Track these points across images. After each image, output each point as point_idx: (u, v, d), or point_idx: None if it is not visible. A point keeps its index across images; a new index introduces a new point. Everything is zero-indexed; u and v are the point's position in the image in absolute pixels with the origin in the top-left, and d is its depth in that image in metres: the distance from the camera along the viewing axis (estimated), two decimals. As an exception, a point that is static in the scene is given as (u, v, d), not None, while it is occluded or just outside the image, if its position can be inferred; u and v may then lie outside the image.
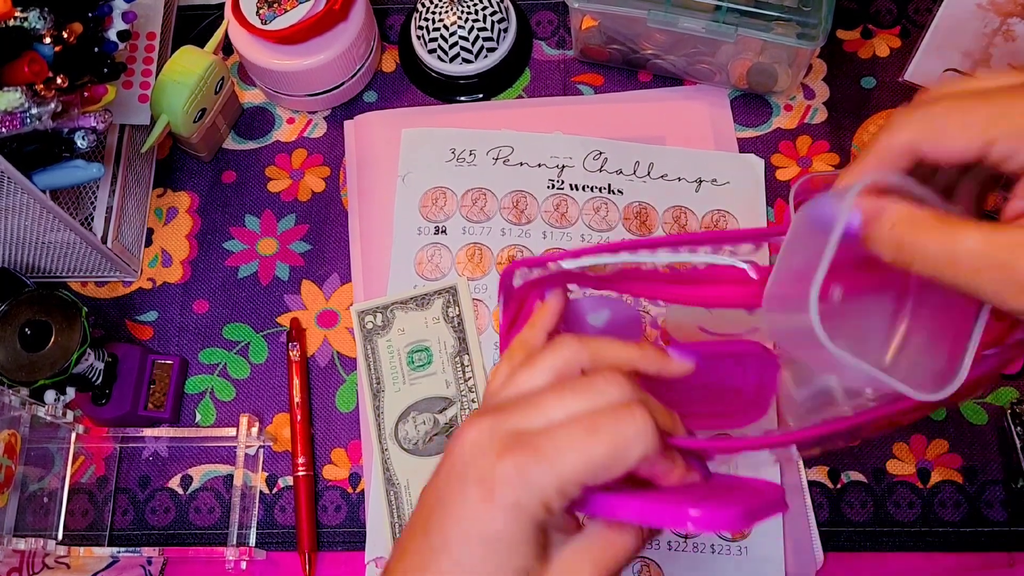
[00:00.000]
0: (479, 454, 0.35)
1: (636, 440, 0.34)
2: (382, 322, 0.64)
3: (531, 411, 0.36)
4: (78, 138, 0.56)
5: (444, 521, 0.35)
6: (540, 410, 0.36)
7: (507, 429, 0.35)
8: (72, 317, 0.58)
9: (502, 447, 0.34)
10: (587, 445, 0.34)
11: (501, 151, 0.69)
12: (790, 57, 0.65)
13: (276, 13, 0.66)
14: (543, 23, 0.75)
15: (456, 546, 0.34)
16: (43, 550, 0.57)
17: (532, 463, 0.34)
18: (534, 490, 0.34)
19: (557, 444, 0.34)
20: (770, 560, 0.58)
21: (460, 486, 0.35)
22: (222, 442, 0.63)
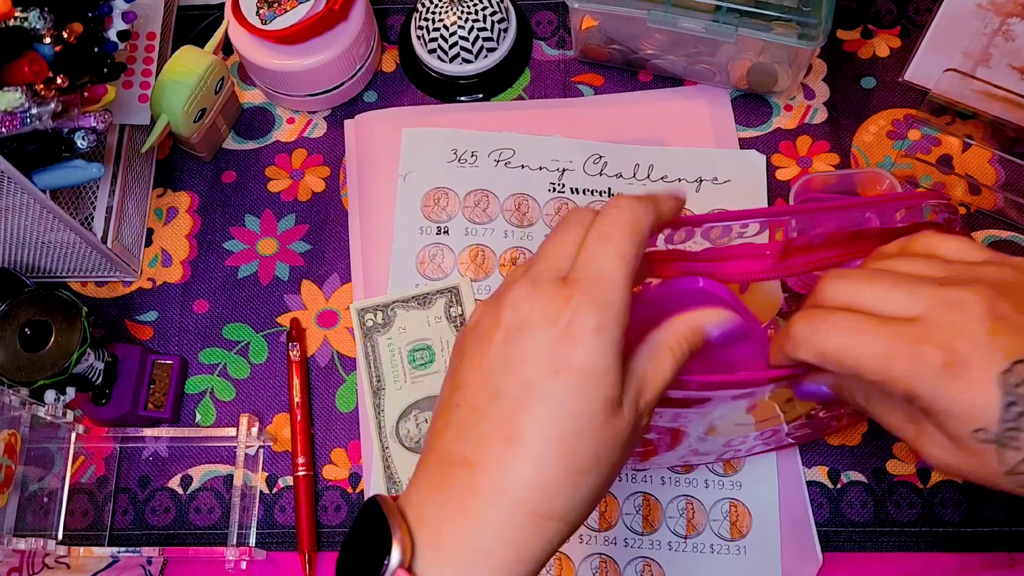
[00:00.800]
0: (537, 305, 0.35)
1: (641, 216, 0.37)
2: (382, 320, 0.64)
3: (552, 255, 0.38)
4: (78, 138, 0.56)
5: (520, 371, 0.35)
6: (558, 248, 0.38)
7: (549, 276, 0.37)
8: (72, 317, 0.58)
9: (558, 289, 0.35)
10: (612, 248, 0.36)
11: (502, 153, 0.69)
12: (790, 57, 0.65)
13: (276, 13, 0.66)
14: (543, 23, 0.75)
15: (544, 385, 0.34)
16: (43, 550, 0.57)
17: (591, 286, 0.35)
18: (607, 308, 0.35)
19: (593, 264, 0.36)
20: (769, 560, 0.58)
21: (528, 334, 0.35)
22: (222, 442, 0.63)
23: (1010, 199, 0.65)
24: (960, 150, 0.67)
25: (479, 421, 0.35)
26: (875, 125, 0.69)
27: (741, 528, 0.59)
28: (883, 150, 0.68)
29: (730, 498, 0.60)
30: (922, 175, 0.67)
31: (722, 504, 0.60)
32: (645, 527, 0.60)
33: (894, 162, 0.68)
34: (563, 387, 0.34)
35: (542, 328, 0.35)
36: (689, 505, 0.60)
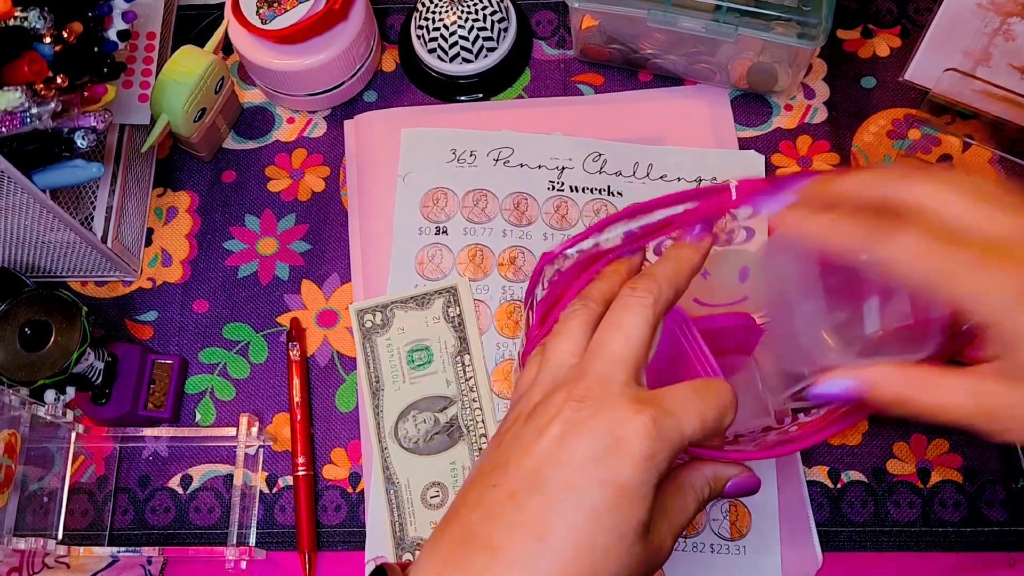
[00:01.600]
0: (603, 412, 0.36)
1: (731, 408, 0.38)
2: (381, 321, 0.64)
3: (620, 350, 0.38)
4: (78, 138, 0.56)
5: (567, 472, 0.35)
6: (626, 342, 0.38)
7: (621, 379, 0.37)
8: (72, 317, 0.58)
9: (633, 402, 0.36)
10: (700, 407, 0.37)
11: (501, 152, 0.69)
12: (790, 57, 0.65)
13: (276, 13, 0.66)
14: (543, 23, 0.75)
15: (586, 492, 0.34)
16: (43, 550, 0.57)
17: (663, 417, 0.36)
18: (664, 443, 0.35)
19: (675, 404, 0.37)
20: (769, 560, 0.58)
21: (586, 439, 0.35)
22: (222, 442, 0.64)
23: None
24: (960, 150, 0.67)
25: (515, 509, 0.35)
26: (875, 125, 0.69)
27: (741, 528, 0.59)
28: (883, 150, 0.68)
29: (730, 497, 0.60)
30: (922, 175, 0.67)
31: (722, 504, 0.60)
32: (645, 527, 0.60)
33: (894, 162, 0.68)
34: (604, 500, 0.34)
35: (600, 436, 0.35)
36: (689, 505, 0.60)
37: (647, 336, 0.39)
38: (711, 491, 0.40)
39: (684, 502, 0.39)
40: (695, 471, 0.40)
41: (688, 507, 0.39)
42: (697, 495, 0.39)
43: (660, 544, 0.37)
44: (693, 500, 0.39)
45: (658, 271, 0.41)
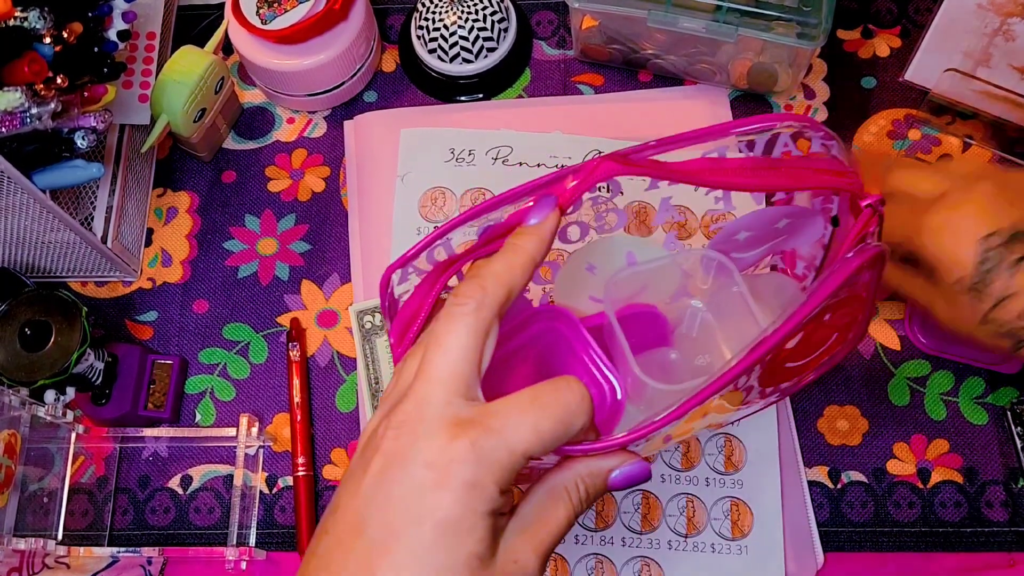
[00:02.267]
0: (422, 437, 0.33)
1: (579, 410, 0.35)
2: (381, 322, 0.64)
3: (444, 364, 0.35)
4: (78, 138, 0.56)
5: (386, 512, 0.33)
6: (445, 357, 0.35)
7: (442, 398, 0.34)
8: (72, 317, 0.58)
9: (451, 426, 0.33)
10: (534, 418, 0.34)
11: (500, 151, 0.69)
12: (790, 57, 0.65)
13: (276, 13, 0.66)
14: (543, 23, 0.75)
15: (406, 534, 0.32)
16: (43, 550, 0.57)
17: (484, 439, 0.33)
18: (489, 467, 0.33)
19: (504, 419, 0.34)
20: (770, 560, 0.58)
21: (403, 472, 0.33)
22: (222, 442, 0.63)
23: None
24: (960, 150, 0.67)
25: (343, 557, 0.33)
26: (875, 125, 0.69)
27: (743, 527, 0.59)
28: (883, 150, 0.68)
29: (731, 497, 0.60)
30: (922, 175, 0.67)
31: (723, 503, 0.60)
32: (644, 526, 0.59)
33: (894, 162, 0.68)
34: (424, 540, 0.32)
35: (419, 468, 0.33)
36: (690, 503, 0.60)
37: (472, 347, 0.35)
38: (588, 490, 0.37)
39: (553, 511, 0.36)
40: (565, 471, 0.37)
41: (558, 515, 0.36)
42: (570, 498, 0.37)
43: (516, 567, 0.34)
44: (565, 506, 0.36)
45: (486, 270, 0.38)
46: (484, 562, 0.33)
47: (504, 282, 0.37)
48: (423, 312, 0.41)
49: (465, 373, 0.35)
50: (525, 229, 0.39)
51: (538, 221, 0.39)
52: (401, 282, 0.43)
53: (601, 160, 0.39)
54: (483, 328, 0.36)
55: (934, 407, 0.61)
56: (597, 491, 0.37)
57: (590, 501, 0.37)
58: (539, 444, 0.34)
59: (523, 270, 0.38)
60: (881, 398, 0.62)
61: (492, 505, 0.33)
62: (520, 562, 0.35)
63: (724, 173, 0.40)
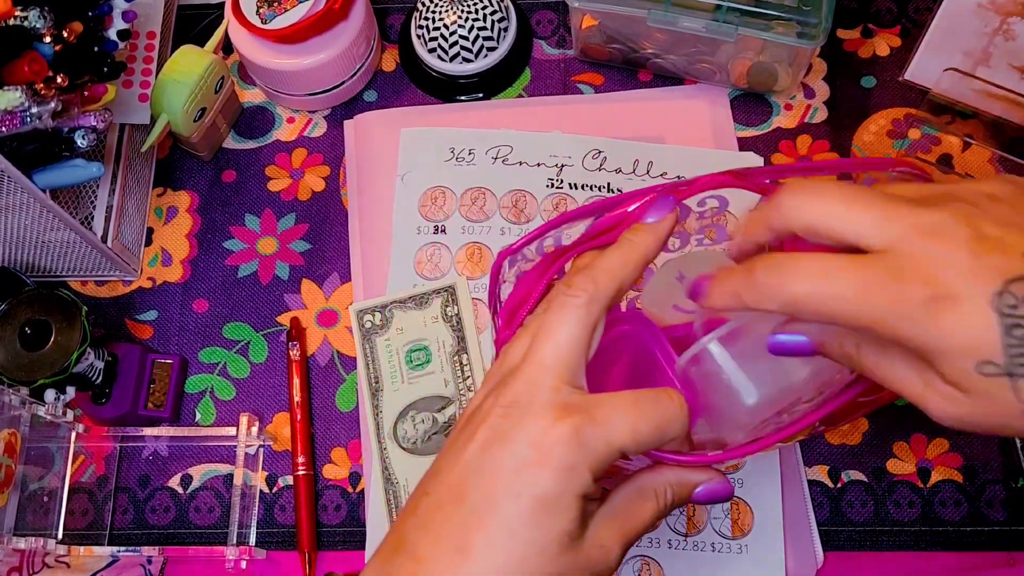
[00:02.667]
0: (528, 419, 0.35)
1: (676, 421, 0.36)
2: (380, 321, 0.64)
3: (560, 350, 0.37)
4: (78, 137, 0.56)
5: (488, 482, 0.34)
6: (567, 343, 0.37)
7: (550, 384, 0.36)
8: (72, 316, 0.58)
9: (556, 409, 0.35)
10: (634, 419, 0.35)
11: (500, 150, 0.69)
12: (790, 56, 0.65)
13: (276, 12, 0.66)
14: (543, 22, 0.75)
15: (504, 506, 0.34)
16: (43, 549, 0.57)
17: (587, 427, 0.35)
18: (587, 453, 0.34)
19: (607, 412, 0.35)
20: (770, 560, 0.58)
21: (507, 448, 0.35)
22: (222, 441, 0.64)
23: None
24: (960, 149, 0.67)
25: (441, 520, 0.35)
26: (875, 124, 0.69)
27: (743, 526, 0.59)
28: (883, 149, 0.68)
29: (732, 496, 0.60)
30: (922, 174, 0.67)
31: (724, 503, 0.60)
32: (645, 526, 0.59)
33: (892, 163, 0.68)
34: (520, 513, 0.34)
35: (522, 446, 0.35)
36: (689, 504, 0.60)
37: (581, 338, 0.37)
38: (675, 497, 0.39)
39: (641, 507, 0.38)
40: (656, 475, 0.39)
41: (645, 512, 0.38)
42: (657, 501, 0.38)
43: (602, 551, 0.36)
44: (652, 506, 0.38)
45: (599, 263, 0.38)
46: (574, 540, 0.35)
47: (616, 277, 0.38)
48: (533, 297, 0.42)
49: (573, 362, 0.36)
50: (641, 226, 0.40)
51: (655, 220, 0.40)
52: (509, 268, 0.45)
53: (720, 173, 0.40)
54: (592, 321, 0.37)
55: (934, 406, 0.61)
56: (682, 500, 0.39)
57: (673, 507, 0.39)
58: (634, 444, 0.35)
59: (635, 266, 0.39)
60: (881, 397, 0.62)
61: (586, 489, 0.35)
62: (605, 547, 0.36)
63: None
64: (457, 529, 0.34)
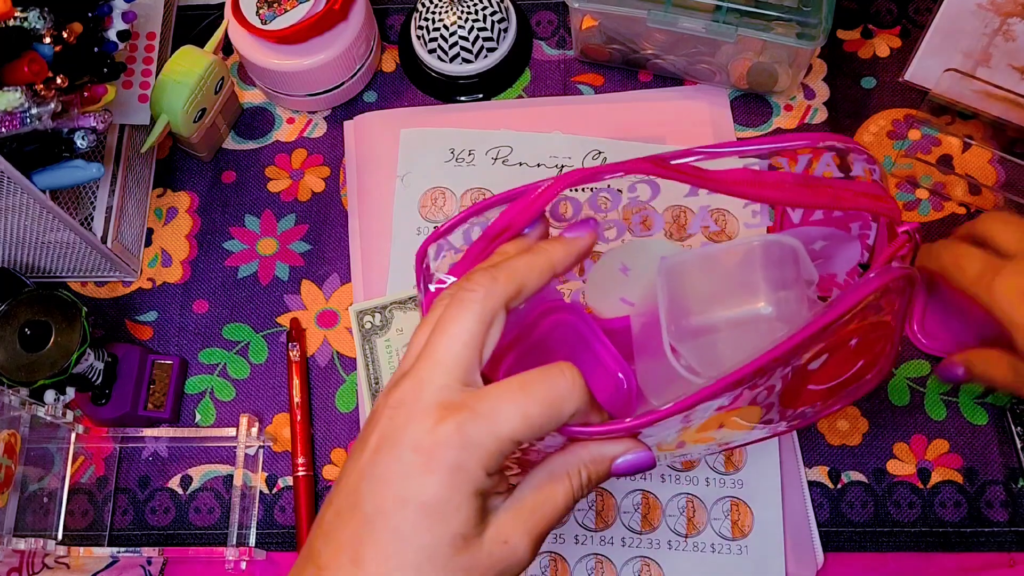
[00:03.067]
0: (413, 420, 0.34)
1: (569, 396, 0.35)
2: (380, 322, 0.64)
3: (446, 344, 0.36)
4: (78, 138, 0.56)
5: (377, 490, 0.34)
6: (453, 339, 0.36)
7: (437, 383, 0.35)
8: (72, 317, 0.58)
9: (440, 409, 0.34)
10: (523, 403, 0.34)
11: (500, 151, 0.69)
12: (790, 57, 0.65)
13: (276, 13, 0.66)
14: (543, 23, 0.75)
15: (393, 514, 0.33)
16: (43, 550, 0.57)
17: (471, 423, 0.34)
18: (474, 451, 0.34)
19: (494, 403, 0.34)
20: (770, 560, 0.58)
21: (393, 453, 0.34)
22: (222, 442, 0.64)
23: (1010, 199, 0.65)
24: (960, 150, 0.67)
25: (339, 528, 0.35)
26: (875, 125, 0.69)
27: (743, 527, 0.59)
28: (883, 150, 0.68)
29: (731, 497, 0.60)
30: (922, 175, 0.67)
31: (723, 503, 0.60)
32: (644, 526, 0.59)
33: (894, 162, 0.68)
34: (408, 520, 0.33)
35: (407, 451, 0.34)
36: (690, 503, 0.60)
37: (475, 333, 0.36)
38: (589, 475, 0.37)
39: (551, 493, 0.36)
40: (567, 455, 0.37)
41: (556, 498, 0.36)
42: (570, 483, 0.37)
43: (505, 547, 0.35)
44: (564, 488, 0.37)
45: (504, 263, 0.38)
46: (469, 541, 0.34)
47: (517, 278, 0.38)
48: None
49: (465, 359, 0.35)
50: (559, 238, 0.41)
51: (573, 236, 0.41)
52: (436, 258, 0.44)
53: (640, 160, 0.40)
54: (487, 317, 0.36)
55: (934, 407, 0.61)
56: (600, 476, 0.38)
57: (591, 486, 0.38)
58: (526, 429, 0.34)
59: (540, 272, 0.39)
60: (881, 398, 0.62)
61: (477, 487, 0.34)
62: (510, 543, 0.35)
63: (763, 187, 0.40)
64: (352, 539, 0.34)
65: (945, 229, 0.66)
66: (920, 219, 0.66)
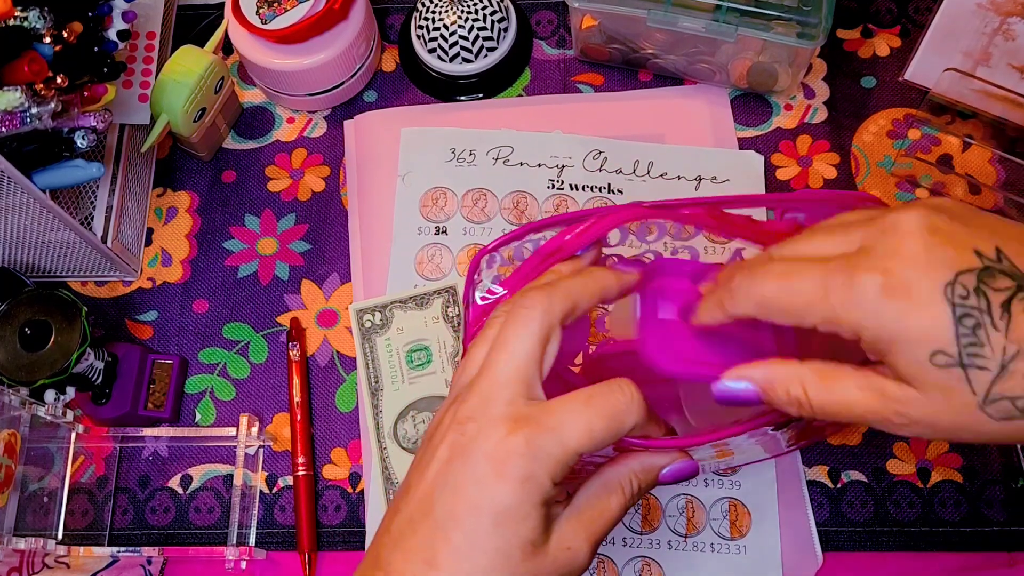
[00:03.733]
0: (483, 433, 0.36)
1: (629, 410, 0.37)
2: (380, 321, 0.64)
3: (514, 361, 0.38)
4: (78, 138, 0.56)
5: (450, 498, 0.36)
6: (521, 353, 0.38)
7: (505, 397, 0.37)
8: (72, 317, 0.58)
9: (509, 422, 0.36)
10: (587, 417, 0.36)
11: (501, 151, 0.69)
12: (790, 56, 0.65)
13: (276, 12, 0.66)
14: (543, 23, 0.75)
15: (467, 520, 0.35)
16: (43, 550, 0.57)
17: (540, 435, 0.36)
18: (543, 461, 0.35)
19: (560, 417, 0.36)
20: (770, 560, 0.58)
21: (465, 462, 0.36)
22: (222, 442, 0.64)
23: (1010, 199, 0.65)
24: (960, 149, 0.67)
25: (410, 535, 0.36)
26: (875, 124, 0.69)
27: (741, 527, 0.59)
28: (883, 149, 0.68)
29: (730, 497, 0.60)
30: (922, 174, 0.67)
31: (722, 503, 0.60)
32: (644, 526, 0.60)
33: (894, 161, 0.68)
34: (482, 525, 0.35)
35: (480, 461, 0.36)
36: (689, 504, 0.60)
37: (534, 350, 0.38)
38: (640, 484, 0.40)
39: (607, 502, 0.39)
40: (619, 466, 0.40)
41: (612, 506, 0.39)
42: (623, 492, 0.39)
43: (568, 553, 0.37)
44: (618, 498, 0.39)
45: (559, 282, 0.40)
46: (537, 547, 0.36)
47: (571, 297, 0.39)
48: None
49: (527, 374, 0.37)
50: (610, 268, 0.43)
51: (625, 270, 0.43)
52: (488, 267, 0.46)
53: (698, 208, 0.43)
54: (545, 334, 0.38)
55: (934, 407, 0.61)
56: (649, 485, 0.40)
57: (641, 494, 0.40)
58: (590, 442, 0.36)
59: (591, 294, 0.41)
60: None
61: (545, 496, 0.36)
62: (573, 548, 0.37)
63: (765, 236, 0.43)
64: (425, 544, 0.36)
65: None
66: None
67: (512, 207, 0.67)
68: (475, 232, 0.67)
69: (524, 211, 0.67)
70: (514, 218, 0.67)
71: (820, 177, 0.68)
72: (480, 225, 0.67)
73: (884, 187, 0.67)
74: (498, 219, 0.67)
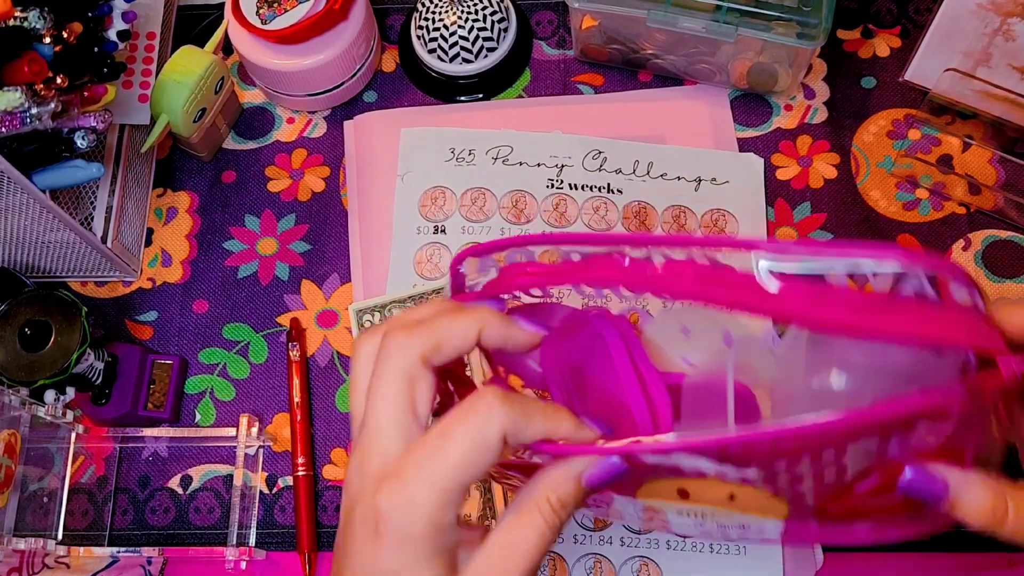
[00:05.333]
0: (358, 495, 0.34)
1: (488, 423, 0.32)
2: (380, 321, 0.64)
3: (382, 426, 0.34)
4: (78, 138, 0.56)
5: (347, 565, 0.34)
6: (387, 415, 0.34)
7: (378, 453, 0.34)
8: (72, 317, 0.58)
9: (379, 479, 0.33)
10: (445, 451, 0.32)
11: (500, 151, 0.69)
12: (790, 57, 0.65)
13: (276, 13, 0.66)
14: (543, 23, 0.75)
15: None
16: (43, 550, 0.57)
17: (403, 488, 0.32)
18: (416, 514, 0.32)
19: (418, 461, 0.33)
20: (769, 560, 0.58)
21: (350, 530, 0.34)
22: (222, 442, 0.64)
23: (1010, 199, 0.65)
24: (960, 150, 0.67)
25: None
26: (875, 125, 0.69)
27: (741, 528, 0.59)
28: (883, 150, 0.68)
29: (730, 498, 0.60)
30: (922, 175, 0.67)
31: (722, 504, 0.60)
32: (644, 527, 0.60)
33: (894, 162, 0.68)
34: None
35: (357, 525, 0.33)
36: (689, 505, 0.60)
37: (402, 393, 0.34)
38: (559, 499, 0.34)
39: (519, 534, 0.34)
40: (530, 485, 0.35)
41: (526, 535, 0.34)
42: (539, 514, 0.34)
43: None
44: (533, 523, 0.34)
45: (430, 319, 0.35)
46: None
47: (434, 336, 0.35)
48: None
49: (399, 421, 0.34)
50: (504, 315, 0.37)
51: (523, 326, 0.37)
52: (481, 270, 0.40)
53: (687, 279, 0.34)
54: (408, 375, 0.34)
55: (934, 407, 0.61)
56: (571, 496, 0.34)
57: (567, 510, 0.34)
58: (460, 472, 0.32)
59: (462, 334, 0.36)
60: (881, 398, 0.62)
61: (434, 546, 0.33)
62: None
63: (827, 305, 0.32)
64: None
65: (945, 229, 0.66)
66: (920, 219, 0.66)
67: (511, 206, 0.67)
68: (474, 231, 0.67)
69: (523, 210, 0.67)
70: (513, 217, 0.67)
71: (820, 177, 0.68)
72: (479, 224, 0.67)
73: (884, 187, 0.67)
74: (497, 218, 0.67)
